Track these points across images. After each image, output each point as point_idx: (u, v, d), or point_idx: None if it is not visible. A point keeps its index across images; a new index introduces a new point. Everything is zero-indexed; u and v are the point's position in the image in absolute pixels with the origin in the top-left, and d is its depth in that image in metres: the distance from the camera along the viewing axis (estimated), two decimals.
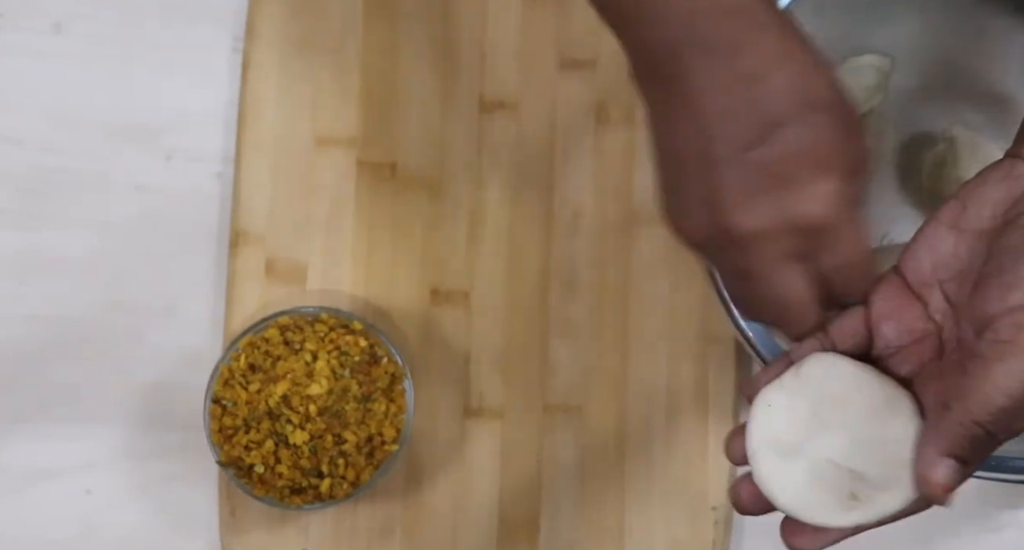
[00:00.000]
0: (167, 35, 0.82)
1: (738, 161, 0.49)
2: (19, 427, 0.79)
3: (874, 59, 0.74)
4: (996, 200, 0.51)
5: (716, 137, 0.49)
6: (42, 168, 0.81)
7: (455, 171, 0.81)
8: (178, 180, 0.81)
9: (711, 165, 0.50)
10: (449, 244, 0.81)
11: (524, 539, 0.78)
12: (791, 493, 0.51)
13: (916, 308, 0.52)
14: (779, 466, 0.51)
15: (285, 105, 0.81)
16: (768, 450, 0.52)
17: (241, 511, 0.78)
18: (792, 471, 0.51)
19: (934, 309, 0.52)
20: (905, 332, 0.52)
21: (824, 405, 0.52)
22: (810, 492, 0.51)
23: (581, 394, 0.79)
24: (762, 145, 0.49)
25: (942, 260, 0.52)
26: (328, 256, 0.80)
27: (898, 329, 0.53)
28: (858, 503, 0.50)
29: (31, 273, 0.80)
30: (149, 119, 0.82)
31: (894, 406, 0.51)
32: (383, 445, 0.75)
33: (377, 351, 0.76)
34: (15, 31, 0.82)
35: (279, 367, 0.74)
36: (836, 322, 0.53)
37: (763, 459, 0.51)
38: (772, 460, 0.51)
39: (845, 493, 0.50)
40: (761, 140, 0.49)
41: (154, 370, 0.80)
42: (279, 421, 0.74)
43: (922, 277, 0.52)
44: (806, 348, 0.53)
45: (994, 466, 0.63)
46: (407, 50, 0.82)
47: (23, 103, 0.82)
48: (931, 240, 0.52)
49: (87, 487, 0.79)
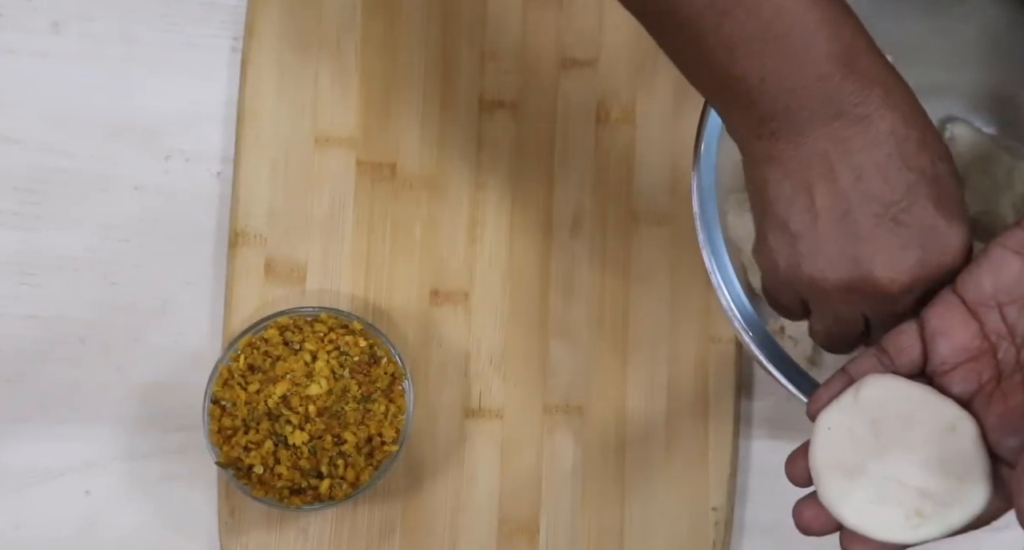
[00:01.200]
0: (167, 35, 0.82)
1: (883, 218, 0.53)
2: (19, 427, 0.79)
3: None
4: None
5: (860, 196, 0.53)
6: (42, 168, 0.81)
7: (455, 171, 0.81)
8: (177, 180, 0.81)
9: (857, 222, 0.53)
10: (449, 244, 0.80)
11: (524, 539, 0.78)
12: (859, 512, 0.52)
13: (972, 327, 0.53)
14: (845, 486, 0.52)
15: (284, 105, 0.81)
16: (833, 471, 0.53)
17: (240, 512, 0.78)
18: (858, 490, 0.52)
19: (990, 329, 0.53)
20: (961, 350, 0.53)
21: (886, 426, 0.53)
22: (877, 510, 0.52)
23: (581, 394, 0.79)
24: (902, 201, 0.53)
25: (1004, 284, 0.52)
26: (328, 256, 0.80)
27: (953, 347, 0.53)
28: (924, 520, 0.52)
29: (31, 273, 0.80)
30: (148, 119, 0.82)
31: (955, 425, 0.52)
32: (383, 445, 0.75)
33: (377, 351, 0.76)
34: (15, 31, 0.82)
35: (278, 367, 0.74)
36: (891, 338, 0.54)
37: (829, 480, 0.53)
38: (838, 480, 0.53)
39: (912, 510, 0.52)
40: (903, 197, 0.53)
41: (153, 370, 0.80)
42: (278, 422, 0.74)
43: (981, 298, 0.53)
44: (865, 366, 0.54)
45: None
46: (407, 50, 0.82)
47: (23, 103, 0.82)
48: (995, 263, 0.53)
49: (87, 487, 0.79)
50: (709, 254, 0.65)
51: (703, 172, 0.65)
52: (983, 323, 0.53)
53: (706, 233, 0.65)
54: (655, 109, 0.81)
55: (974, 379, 0.53)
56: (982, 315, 0.53)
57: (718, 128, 0.66)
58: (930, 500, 0.52)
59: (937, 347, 0.53)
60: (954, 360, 0.53)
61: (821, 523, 0.53)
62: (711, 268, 0.65)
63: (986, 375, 0.53)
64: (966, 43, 0.74)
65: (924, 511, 0.51)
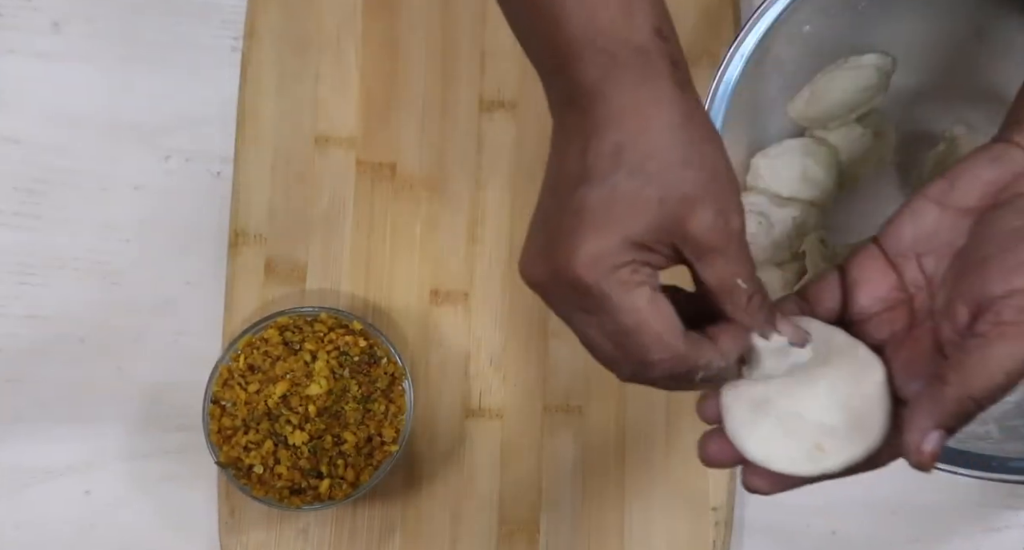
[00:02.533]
0: (166, 35, 0.82)
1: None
2: (19, 427, 0.79)
3: (875, 58, 0.74)
4: (986, 181, 0.52)
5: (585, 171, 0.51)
6: (42, 168, 0.81)
7: (455, 171, 0.81)
8: (177, 180, 0.81)
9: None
10: (449, 244, 0.80)
11: (524, 539, 0.78)
12: (761, 444, 0.53)
13: (891, 277, 0.54)
14: (751, 419, 0.53)
15: (284, 105, 0.81)
16: (742, 404, 0.53)
17: (240, 511, 0.78)
18: (763, 424, 0.53)
19: (909, 280, 0.54)
20: (879, 300, 0.54)
21: (799, 365, 0.53)
22: (780, 443, 0.53)
23: (581, 394, 0.79)
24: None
25: (923, 234, 0.53)
26: (327, 256, 0.80)
27: (872, 297, 0.54)
28: (824, 454, 0.52)
29: (31, 273, 0.80)
30: (148, 119, 0.82)
31: (864, 368, 0.53)
32: (382, 445, 0.75)
33: (376, 351, 0.76)
34: (15, 31, 0.82)
35: (278, 367, 0.74)
36: (813, 286, 0.55)
37: (737, 412, 0.53)
38: (744, 413, 0.53)
39: (813, 445, 0.52)
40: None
41: (154, 370, 0.80)
42: (278, 421, 0.74)
43: (901, 248, 0.54)
44: (785, 309, 0.55)
45: (994, 466, 0.64)
46: (407, 50, 0.82)
47: (23, 103, 0.82)
48: (915, 213, 0.54)
49: (87, 487, 0.79)
50: None
51: None
52: (902, 274, 0.54)
53: None
54: None
55: (888, 328, 0.54)
56: (901, 266, 0.54)
57: (718, 128, 0.66)
58: (831, 436, 0.52)
59: (856, 297, 0.54)
60: (871, 310, 0.54)
61: (726, 456, 0.54)
62: None
63: (900, 323, 0.54)
64: (966, 43, 0.74)
65: (824, 446, 0.52)
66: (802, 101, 0.75)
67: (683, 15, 0.82)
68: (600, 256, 0.49)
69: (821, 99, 0.75)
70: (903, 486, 0.78)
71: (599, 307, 0.51)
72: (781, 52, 0.70)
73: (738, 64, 0.67)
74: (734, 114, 0.67)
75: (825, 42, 0.73)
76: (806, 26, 0.70)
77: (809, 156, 0.75)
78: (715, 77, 0.66)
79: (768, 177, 0.75)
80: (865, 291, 0.54)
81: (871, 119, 0.77)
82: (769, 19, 0.67)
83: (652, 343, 0.51)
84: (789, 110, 0.76)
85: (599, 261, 0.49)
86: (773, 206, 0.75)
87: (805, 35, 0.71)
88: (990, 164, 0.53)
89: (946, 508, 0.78)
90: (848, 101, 0.75)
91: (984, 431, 0.71)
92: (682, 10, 0.82)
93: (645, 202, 0.49)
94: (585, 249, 0.49)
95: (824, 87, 0.75)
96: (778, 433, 0.52)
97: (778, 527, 0.79)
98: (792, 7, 0.67)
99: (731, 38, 0.67)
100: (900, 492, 0.78)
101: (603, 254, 0.49)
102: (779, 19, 0.67)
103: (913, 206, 0.54)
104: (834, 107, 0.75)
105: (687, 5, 0.82)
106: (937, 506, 0.78)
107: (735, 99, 0.66)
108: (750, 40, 0.67)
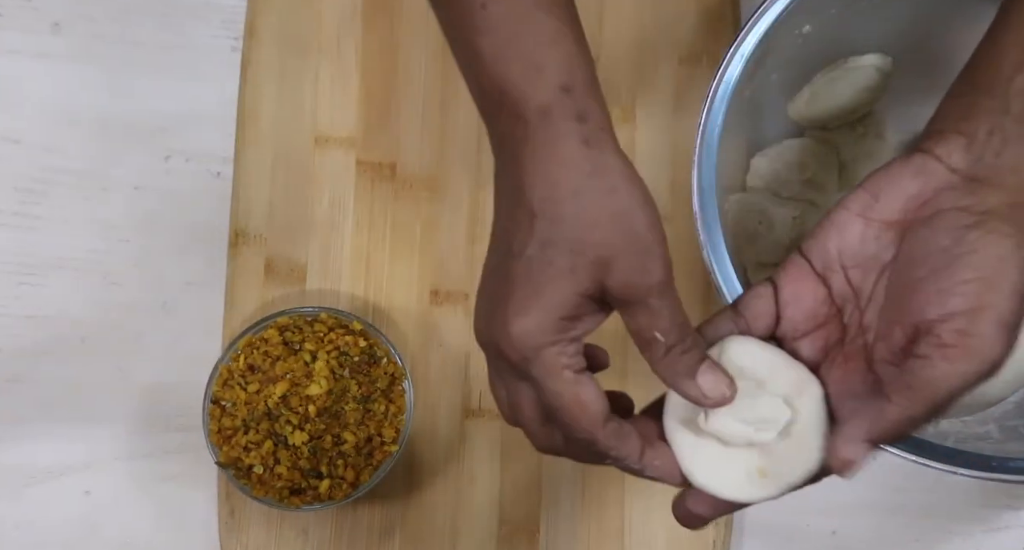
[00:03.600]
0: (166, 35, 0.82)
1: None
2: (19, 427, 0.79)
3: (875, 59, 0.74)
4: (909, 195, 0.53)
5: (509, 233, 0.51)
6: (42, 168, 0.81)
7: (455, 171, 0.81)
8: (177, 180, 0.81)
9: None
10: (449, 244, 0.80)
11: (524, 539, 0.78)
12: (704, 470, 0.53)
13: (820, 292, 0.54)
14: (693, 444, 0.54)
15: (284, 105, 0.81)
16: (684, 429, 0.54)
17: (240, 512, 0.78)
18: (706, 449, 0.53)
19: (837, 293, 0.54)
20: (810, 316, 0.55)
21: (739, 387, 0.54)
22: (721, 468, 0.53)
23: None
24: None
25: (848, 247, 0.54)
26: (327, 256, 0.80)
27: (804, 314, 0.55)
28: (766, 479, 0.53)
29: (31, 273, 0.80)
30: (148, 119, 0.82)
31: (801, 389, 0.53)
32: (382, 445, 0.75)
33: (376, 351, 0.76)
34: (15, 31, 0.82)
35: (278, 367, 0.74)
36: (749, 303, 0.55)
37: (679, 438, 0.54)
38: (687, 439, 0.54)
39: (754, 469, 0.53)
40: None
41: (154, 370, 0.80)
42: (278, 422, 0.74)
43: (827, 261, 0.54)
44: (722, 330, 0.55)
45: (994, 466, 0.63)
46: (407, 50, 0.82)
47: (23, 103, 0.82)
48: (839, 226, 0.54)
49: (87, 487, 0.79)
50: (709, 254, 0.65)
51: (703, 172, 0.65)
52: (830, 287, 0.54)
53: (706, 233, 0.65)
54: (655, 109, 0.81)
55: (822, 344, 0.54)
56: (829, 279, 0.54)
57: (718, 128, 0.66)
58: (770, 459, 0.53)
59: (788, 313, 0.55)
60: (804, 327, 0.55)
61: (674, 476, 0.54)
62: (711, 267, 0.65)
63: (832, 338, 0.54)
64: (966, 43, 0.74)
65: (765, 469, 0.53)
66: (802, 101, 0.75)
67: (683, 15, 0.82)
68: (524, 335, 0.50)
69: (821, 99, 0.75)
70: (903, 486, 0.78)
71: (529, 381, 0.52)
72: (781, 52, 0.70)
73: (738, 64, 0.66)
74: (734, 114, 0.67)
75: (825, 42, 0.73)
76: (806, 26, 0.70)
77: (809, 156, 0.75)
78: (715, 77, 0.66)
79: (768, 177, 0.75)
80: (798, 308, 0.54)
81: (871, 119, 0.77)
82: (769, 19, 0.67)
83: (572, 424, 0.52)
84: (789, 110, 0.76)
85: (524, 341, 0.50)
86: (773, 206, 0.75)
87: (805, 35, 0.71)
88: (913, 178, 0.53)
89: (946, 508, 0.78)
90: (848, 101, 0.75)
91: (984, 431, 0.71)
92: (682, 10, 0.82)
93: (558, 274, 0.50)
94: (512, 327, 0.50)
95: (824, 87, 0.75)
96: (719, 458, 0.53)
97: (778, 527, 0.79)
98: (792, 7, 0.66)
99: (731, 38, 0.67)
100: (900, 492, 0.78)
101: (528, 334, 0.50)
102: (779, 19, 0.67)
103: (836, 219, 0.54)
104: (834, 107, 0.75)
105: (687, 5, 0.82)
106: (937, 506, 0.78)
107: (735, 99, 0.66)
108: (750, 40, 0.67)
